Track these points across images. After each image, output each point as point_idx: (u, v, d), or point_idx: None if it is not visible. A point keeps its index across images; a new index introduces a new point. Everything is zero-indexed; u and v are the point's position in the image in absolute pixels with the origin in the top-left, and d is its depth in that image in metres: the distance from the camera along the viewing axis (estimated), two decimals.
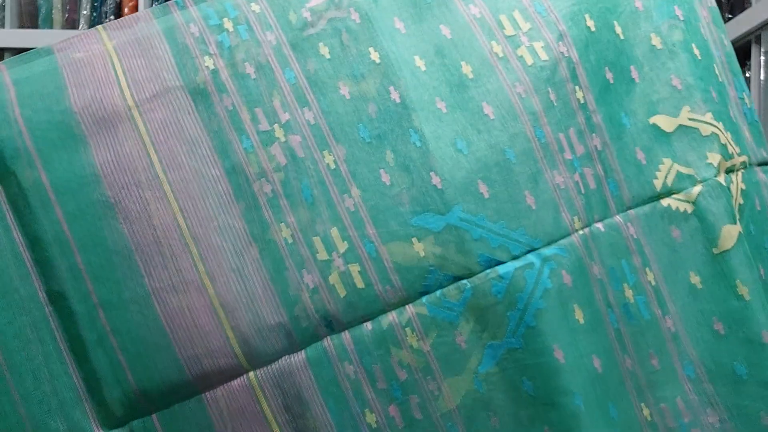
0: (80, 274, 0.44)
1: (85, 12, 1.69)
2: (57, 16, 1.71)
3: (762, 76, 1.45)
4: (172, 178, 0.44)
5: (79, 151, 0.45)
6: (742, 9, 1.51)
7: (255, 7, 0.47)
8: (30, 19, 1.71)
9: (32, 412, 0.42)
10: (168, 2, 0.50)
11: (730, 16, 1.59)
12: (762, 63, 1.45)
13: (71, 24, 1.69)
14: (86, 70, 0.47)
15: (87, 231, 0.44)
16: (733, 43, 1.51)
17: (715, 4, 0.56)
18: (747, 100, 0.55)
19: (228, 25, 0.47)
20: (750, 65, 1.48)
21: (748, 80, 1.49)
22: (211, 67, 0.46)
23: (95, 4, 1.70)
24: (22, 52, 1.78)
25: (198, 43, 0.47)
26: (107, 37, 0.48)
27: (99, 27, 0.49)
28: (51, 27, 1.69)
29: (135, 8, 1.66)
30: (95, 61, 0.47)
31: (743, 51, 1.53)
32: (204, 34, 0.47)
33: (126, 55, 0.47)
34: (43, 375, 0.43)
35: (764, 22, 1.39)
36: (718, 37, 0.54)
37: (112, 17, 1.68)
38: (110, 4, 1.68)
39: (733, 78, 0.55)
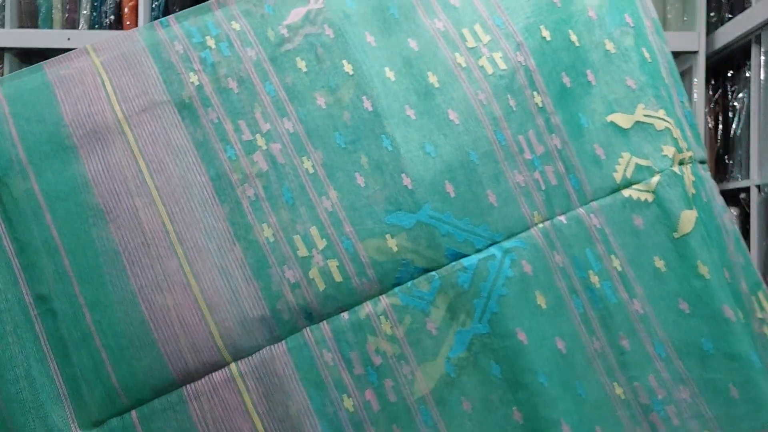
0: (67, 277, 0.46)
1: (85, 12, 1.69)
2: (57, 15, 1.70)
3: (762, 76, 1.45)
4: (160, 185, 0.47)
5: (71, 162, 0.48)
6: (742, 9, 1.51)
7: (235, 25, 0.51)
8: (30, 18, 1.71)
9: (12, 413, 0.44)
10: (153, 21, 0.53)
11: (730, 16, 1.59)
12: (762, 63, 1.44)
13: (71, 24, 1.69)
14: (76, 85, 0.50)
15: (76, 236, 0.47)
16: (733, 43, 1.51)
17: (656, 16, 0.60)
18: (686, 104, 0.59)
19: (210, 42, 0.50)
20: (750, 65, 1.48)
21: (747, 80, 1.49)
22: (196, 82, 0.50)
23: (95, 4, 1.69)
24: (22, 51, 1.78)
25: (183, 60, 0.50)
26: (95, 54, 0.51)
27: (87, 45, 0.52)
28: (51, 27, 1.69)
29: (135, 8, 1.66)
30: (85, 77, 0.50)
31: (743, 51, 1.53)
32: (188, 51, 0.50)
33: (114, 71, 0.50)
34: (24, 377, 0.45)
35: (764, 22, 1.39)
36: (661, 45, 0.58)
37: (112, 17, 1.67)
38: (110, 4, 1.68)
39: (675, 83, 0.58)
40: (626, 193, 0.51)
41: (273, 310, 0.47)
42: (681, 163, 0.52)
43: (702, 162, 0.58)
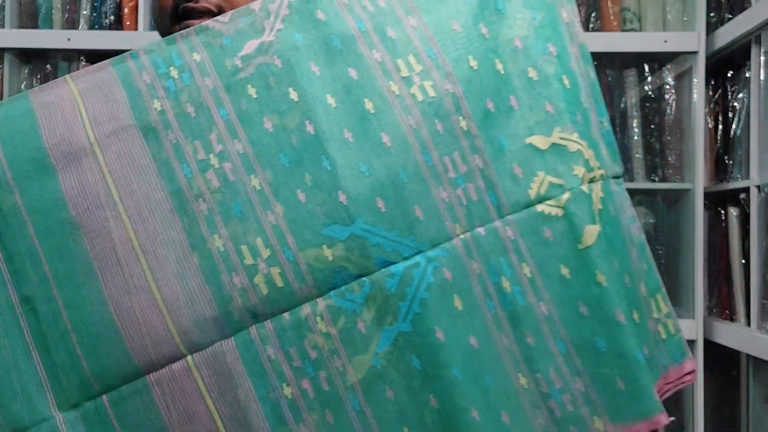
0: (47, 281, 0.54)
1: (85, 12, 1.69)
2: (57, 16, 1.70)
3: (762, 76, 1.45)
4: (126, 200, 0.54)
5: (50, 180, 0.54)
6: (742, 9, 1.51)
7: (196, 56, 0.57)
8: (30, 19, 1.71)
9: (2, 398, 0.52)
10: (125, 54, 0.58)
11: (730, 16, 1.59)
12: (762, 63, 1.44)
13: (71, 24, 1.69)
14: (57, 112, 0.56)
15: (54, 245, 0.54)
16: (733, 43, 1.51)
17: (584, 42, 0.66)
18: (605, 124, 0.64)
19: (174, 73, 0.57)
20: (750, 65, 1.48)
21: (747, 80, 1.50)
22: (159, 108, 0.56)
23: (95, 4, 1.69)
24: (22, 51, 1.78)
25: (149, 89, 0.56)
26: (73, 84, 0.57)
27: (66, 76, 0.57)
28: (51, 27, 1.69)
29: (135, 8, 1.66)
30: (64, 104, 0.56)
31: (743, 51, 1.53)
32: (154, 80, 0.56)
33: (89, 99, 0.56)
34: (11, 367, 0.53)
35: (764, 22, 1.39)
36: (585, 69, 0.64)
37: (112, 17, 1.67)
38: (110, 4, 1.68)
39: (596, 104, 0.65)
40: (539, 208, 0.57)
41: (223, 311, 0.53)
42: (591, 180, 0.58)
43: (616, 177, 0.63)
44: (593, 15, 1.65)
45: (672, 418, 0.57)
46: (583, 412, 0.56)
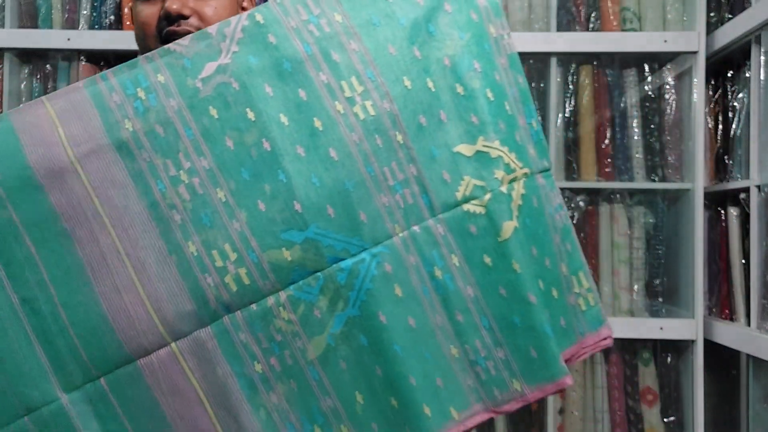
0: (45, 284, 0.61)
1: (85, 12, 1.69)
2: (57, 16, 1.70)
3: (762, 76, 1.45)
4: (109, 213, 0.62)
5: (39, 196, 0.61)
6: (742, 9, 1.51)
7: (161, 77, 0.63)
8: (30, 19, 1.71)
9: (12, 384, 0.61)
10: (95, 75, 0.64)
11: (730, 16, 1.59)
12: (762, 63, 1.44)
13: (71, 24, 1.69)
14: (36, 132, 0.62)
15: (49, 253, 0.61)
16: (733, 43, 1.51)
17: (515, 52, 0.74)
18: (534, 124, 0.75)
19: (141, 94, 0.63)
20: (750, 65, 1.48)
21: (747, 80, 1.50)
22: (130, 128, 0.63)
23: (95, 4, 1.69)
24: (22, 51, 1.78)
25: (119, 109, 0.63)
26: (50, 105, 0.62)
27: (42, 97, 0.63)
28: (51, 27, 1.69)
29: None
30: (42, 125, 0.62)
31: (743, 51, 1.53)
32: (123, 101, 0.63)
33: (65, 119, 0.62)
34: (19, 358, 0.61)
35: (764, 22, 1.39)
36: (514, 78, 0.74)
37: (112, 17, 1.67)
38: (110, 4, 1.68)
39: (524, 108, 0.74)
40: (465, 207, 0.67)
41: (200, 305, 0.62)
42: (512, 181, 0.68)
43: (544, 171, 0.73)
44: (593, 15, 1.65)
45: (571, 382, 0.69)
46: (504, 375, 0.68)
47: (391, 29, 0.68)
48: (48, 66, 1.69)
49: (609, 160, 1.63)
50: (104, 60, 1.69)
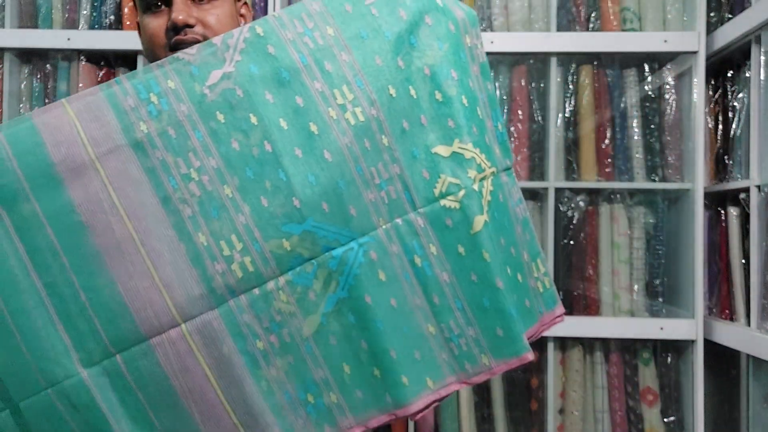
0: (66, 271, 0.68)
1: (85, 12, 1.69)
2: (57, 15, 1.70)
3: (762, 76, 1.45)
4: (126, 206, 0.68)
5: (60, 190, 0.67)
6: (742, 9, 1.51)
7: (171, 83, 0.70)
8: (30, 18, 1.71)
9: (36, 360, 0.67)
10: (110, 80, 0.70)
11: (730, 16, 1.59)
12: (762, 63, 1.44)
13: (71, 24, 1.69)
14: (57, 131, 0.67)
15: (70, 242, 0.67)
16: (733, 43, 1.51)
17: (486, 60, 0.84)
18: (500, 127, 0.85)
19: (153, 99, 0.70)
20: (750, 65, 1.48)
21: (747, 80, 1.50)
22: (145, 130, 0.69)
23: (95, 4, 1.69)
24: (22, 51, 1.77)
25: (134, 112, 0.69)
26: (69, 107, 0.68)
27: (63, 100, 0.68)
28: (51, 27, 1.69)
29: (135, 8, 1.66)
30: (63, 125, 0.68)
31: (743, 51, 1.53)
32: (137, 105, 0.69)
33: (84, 120, 0.68)
34: (42, 337, 0.67)
35: (764, 22, 1.39)
36: (483, 85, 0.82)
37: (112, 17, 1.67)
38: (110, 4, 1.68)
39: (492, 113, 0.83)
40: (442, 202, 0.75)
41: (208, 289, 0.69)
42: (482, 179, 0.77)
43: (507, 169, 0.83)
44: (593, 15, 1.65)
45: (532, 357, 0.77)
46: (474, 351, 0.76)
47: (377, 42, 0.75)
48: (48, 66, 1.69)
49: (609, 160, 1.63)
50: (104, 60, 1.69)
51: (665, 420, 1.61)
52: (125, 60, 1.68)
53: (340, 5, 0.76)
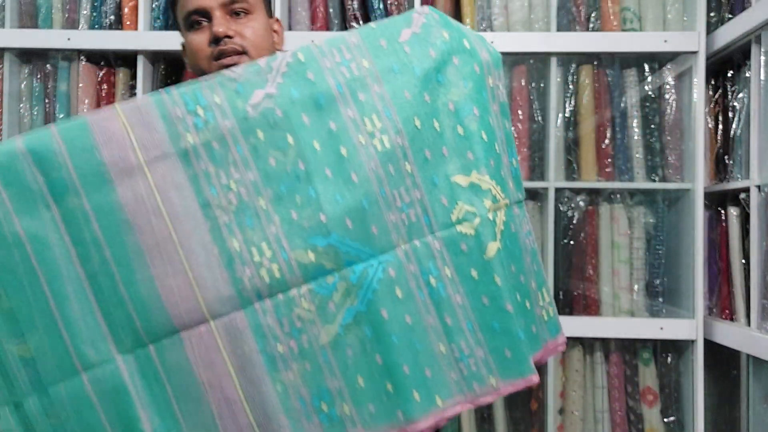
0: (108, 264, 0.72)
1: (85, 12, 1.69)
2: (57, 15, 1.70)
3: (762, 76, 1.45)
4: (168, 209, 0.73)
5: (108, 189, 0.72)
6: (742, 9, 1.51)
7: (217, 98, 0.75)
8: (30, 18, 1.71)
9: (73, 343, 0.71)
10: (160, 89, 0.73)
11: (730, 16, 1.59)
12: (762, 63, 1.44)
13: (71, 24, 1.69)
14: (109, 134, 0.72)
15: (114, 238, 0.72)
16: (733, 43, 1.51)
17: (505, 100, 0.90)
18: (515, 163, 0.91)
19: (200, 111, 0.75)
20: (750, 65, 1.48)
21: (747, 80, 1.49)
22: (191, 141, 0.74)
23: (95, 4, 1.68)
24: (22, 51, 1.77)
25: (181, 122, 0.74)
26: (121, 112, 0.73)
27: (116, 105, 0.73)
28: (51, 27, 1.69)
29: (135, 8, 1.66)
30: (115, 128, 0.73)
31: (743, 51, 1.53)
32: (184, 116, 0.74)
33: (134, 126, 0.73)
34: (81, 322, 0.72)
35: (764, 22, 1.39)
36: (502, 123, 0.89)
37: (112, 17, 1.67)
38: (110, 4, 1.67)
39: (508, 149, 0.90)
40: (458, 228, 0.80)
41: (237, 292, 0.74)
42: (496, 209, 0.82)
43: (518, 202, 0.90)
44: (593, 15, 1.65)
45: (537, 380, 0.82)
46: (483, 372, 0.80)
47: (407, 77, 0.81)
48: (48, 66, 1.69)
49: (609, 160, 1.63)
50: (104, 60, 1.69)
51: (665, 420, 1.61)
52: (125, 60, 1.68)
53: (376, 40, 0.82)
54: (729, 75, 1.59)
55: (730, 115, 1.58)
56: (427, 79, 0.81)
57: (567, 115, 1.65)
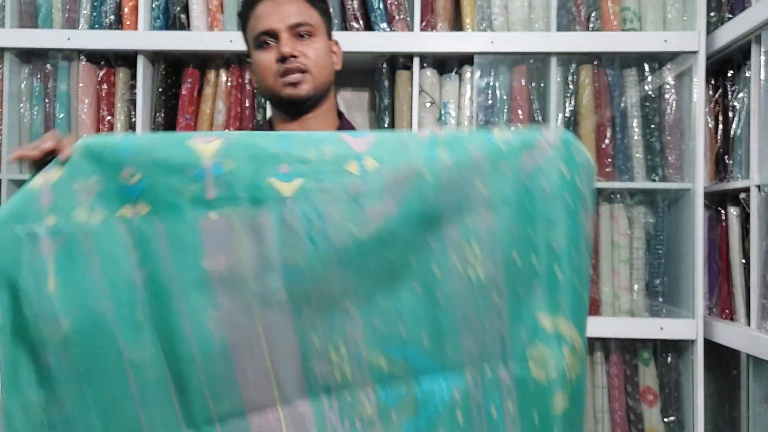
0: (192, 357, 0.75)
1: (85, 12, 1.68)
2: (57, 15, 1.70)
3: (762, 76, 1.45)
4: (258, 310, 0.77)
5: (207, 291, 0.76)
6: (742, 9, 1.51)
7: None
8: (30, 18, 1.71)
9: (148, 420, 0.76)
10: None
11: (730, 16, 1.59)
12: (762, 63, 1.44)
13: (71, 24, 1.69)
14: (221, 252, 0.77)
15: (201, 330, 0.75)
16: (733, 43, 1.51)
17: (591, 241, 0.86)
18: (586, 299, 0.88)
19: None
20: (750, 65, 1.48)
21: (747, 80, 1.49)
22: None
23: (95, 4, 1.68)
24: (22, 51, 1.77)
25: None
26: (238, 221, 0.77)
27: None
28: (51, 26, 1.69)
29: (135, 8, 1.65)
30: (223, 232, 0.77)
31: (743, 51, 1.53)
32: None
33: (245, 237, 0.77)
34: (155, 398, 0.76)
35: (764, 22, 1.39)
36: (589, 258, 0.85)
37: (112, 17, 1.67)
38: (110, 4, 1.67)
39: (584, 292, 0.86)
40: (532, 368, 0.79)
41: (309, 385, 0.77)
42: (572, 360, 0.80)
43: (585, 356, 0.87)
44: (593, 14, 1.65)
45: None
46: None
47: (517, 210, 0.79)
48: (48, 66, 1.69)
49: (609, 159, 1.63)
50: (104, 60, 1.69)
51: (665, 420, 1.61)
52: (125, 60, 1.68)
53: (498, 161, 0.79)
54: (729, 75, 1.59)
55: (730, 114, 1.58)
56: (539, 217, 0.79)
57: (567, 114, 1.65)
